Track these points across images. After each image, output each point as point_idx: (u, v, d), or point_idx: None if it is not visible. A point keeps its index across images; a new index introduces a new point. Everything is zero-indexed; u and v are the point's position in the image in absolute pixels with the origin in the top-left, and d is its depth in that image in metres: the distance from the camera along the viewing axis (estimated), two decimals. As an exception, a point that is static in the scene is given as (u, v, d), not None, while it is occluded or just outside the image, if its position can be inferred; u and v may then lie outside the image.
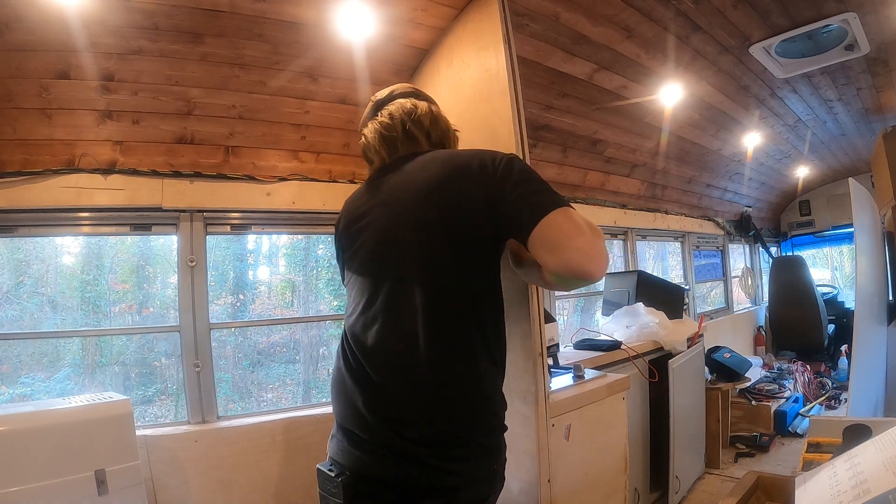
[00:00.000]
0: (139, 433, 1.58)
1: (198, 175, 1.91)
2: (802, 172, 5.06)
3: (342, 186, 2.18)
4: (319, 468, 1.03)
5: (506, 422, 1.05)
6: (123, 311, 2.24)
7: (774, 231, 6.03)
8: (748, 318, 5.26)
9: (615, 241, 3.77)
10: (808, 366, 4.28)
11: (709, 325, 3.78)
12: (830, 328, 4.93)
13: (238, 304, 2.61)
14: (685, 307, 3.14)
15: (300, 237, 2.79)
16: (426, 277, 0.99)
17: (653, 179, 3.72)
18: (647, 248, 4.28)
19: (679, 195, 4.14)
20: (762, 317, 5.37)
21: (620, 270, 3.48)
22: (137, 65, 1.63)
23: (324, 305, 2.88)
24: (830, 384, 4.08)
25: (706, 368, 3.06)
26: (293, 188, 2.09)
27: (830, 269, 6.49)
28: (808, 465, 0.99)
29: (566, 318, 3.49)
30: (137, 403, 2.06)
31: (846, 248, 6.05)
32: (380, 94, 1.24)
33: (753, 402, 3.45)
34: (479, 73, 1.54)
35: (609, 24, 2.06)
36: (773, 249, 5.91)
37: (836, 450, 0.95)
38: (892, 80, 2.93)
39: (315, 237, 2.74)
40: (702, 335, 2.83)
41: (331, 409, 1.10)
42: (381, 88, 1.25)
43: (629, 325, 2.56)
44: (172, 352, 2.09)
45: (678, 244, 4.43)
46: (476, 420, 0.99)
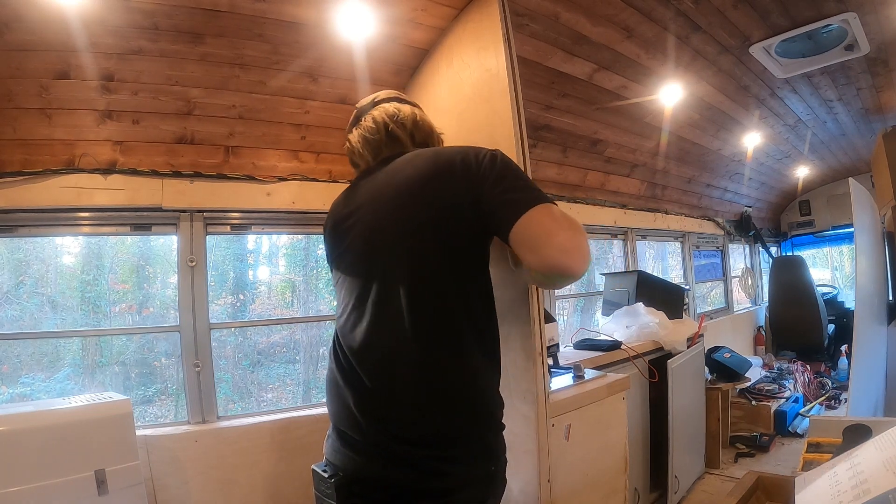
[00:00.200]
0: (139, 433, 1.58)
1: (198, 175, 1.91)
2: (802, 172, 5.06)
3: (342, 186, 2.11)
4: (314, 468, 1.03)
5: (506, 422, 1.04)
6: (123, 311, 2.24)
7: (774, 231, 6.03)
8: (748, 318, 5.25)
9: (615, 241, 3.77)
10: (808, 366, 4.28)
11: (709, 325, 3.78)
12: (830, 328, 4.93)
13: (238, 304, 2.61)
14: (685, 307, 3.14)
15: (300, 237, 2.79)
16: (414, 275, 0.97)
17: (653, 179, 3.72)
18: (647, 248, 4.28)
19: (679, 195, 4.14)
20: (762, 317, 5.37)
21: (620, 270, 3.48)
22: (137, 65, 1.63)
23: (324, 305, 2.88)
24: (830, 384, 4.08)
25: (706, 368, 3.06)
26: (293, 188, 2.09)
27: (830, 269, 6.49)
28: (808, 465, 0.99)
29: (566, 318, 3.49)
30: (137, 403, 2.06)
31: (846, 248, 6.05)
32: (363, 101, 1.25)
33: (753, 402, 3.44)
34: (479, 73, 1.54)
35: (609, 24, 2.06)
36: (773, 249, 5.91)
37: (836, 450, 0.94)
38: (892, 80, 2.93)
39: (315, 237, 2.74)
40: (702, 335, 2.83)
41: (331, 410, 1.09)
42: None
43: (629, 325, 2.56)
44: (172, 352, 2.09)
45: (678, 244, 4.43)
46: (469, 418, 0.96)
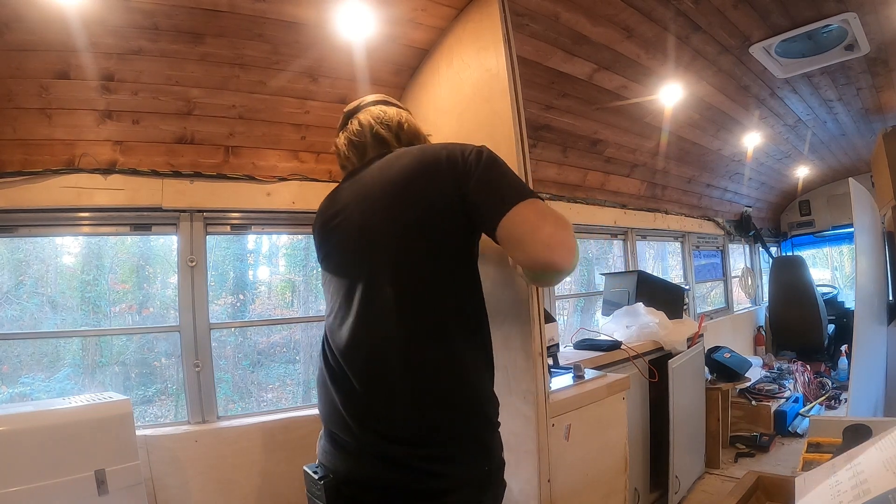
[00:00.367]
0: (139, 433, 1.58)
1: (198, 175, 1.91)
2: (802, 172, 5.06)
3: (342, 186, 2.17)
4: (305, 469, 1.03)
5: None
6: (123, 311, 2.24)
7: (774, 231, 6.03)
8: (748, 318, 5.25)
9: (615, 241, 3.77)
10: (808, 366, 4.28)
11: (709, 325, 3.78)
12: (830, 328, 4.93)
13: (238, 304, 2.61)
14: (685, 307, 3.14)
15: (300, 237, 2.79)
16: (401, 273, 0.97)
17: (653, 179, 3.72)
18: (647, 248, 4.28)
19: (679, 195, 4.14)
20: (762, 317, 5.37)
21: (620, 270, 3.48)
22: (137, 65, 1.63)
23: (324, 306, 2.85)
24: (830, 384, 4.08)
25: (706, 368, 3.06)
26: (293, 188, 2.09)
27: (830, 269, 6.49)
28: (808, 465, 0.99)
29: (566, 318, 3.49)
30: (137, 403, 2.05)
31: (846, 248, 6.04)
32: (350, 105, 1.25)
33: (753, 402, 3.44)
34: (479, 73, 1.54)
35: (609, 24, 2.06)
36: (773, 249, 5.91)
37: (836, 450, 0.94)
38: (892, 80, 2.93)
39: (315, 237, 2.74)
40: (702, 335, 2.83)
41: (330, 410, 1.09)
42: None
43: (629, 325, 2.56)
44: (172, 352, 2.09)
45: (678, 244, 4.43)
46: (460, 415, 0.95)
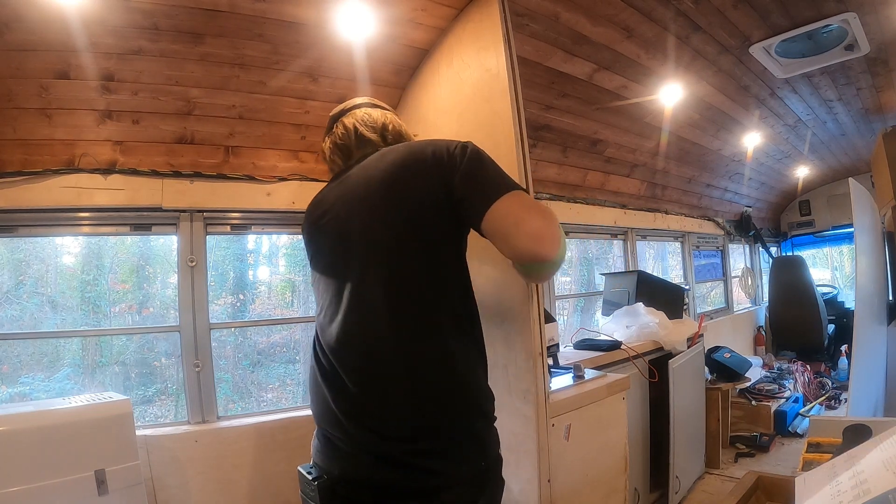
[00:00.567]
0: (139, 433, 1.58)
1: (198, 175, 1.91)
2: (802, 172, 5.06)
3: (342, 186, 2.17)
4: (300, 470, 1.03)
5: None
6: (123, 311, 2.24)
7: (774, 231, 6.03)
8: (748, 318, 5.25)
9: (615, 241, 3.77)
10: (808, 366, 4.28)
11: (709, 325, 3.78)
12: (830, 328, 4.93)
13: (238, 304, 2.60)
14: (685, 307, 3.14)
15: (300, 237, 2.78)
16: (389, 269, 0.97)
17: (653, 179, 3.72)
18: (647, 248, 4.28)
19: (679, 195, 4.14)
20: (762, 317, 5.37)
21: (620, 270, 3.48)
22: (137, 65, 1.62)
23: (323, 305, 2.86)
24: (830, 384, 4.08)
25: (706, 368, 3.06)
26: (293, 188, 2.09)
27: (830, 269, 6.49)
28: (808, 465, 0.99)
29: (566, 318, 3.49)
30: (137, 403, 2.05)
31: (846, 248, 6.04)
32: (335, 109, 1.26)
33: (753, 402, 3.44)
34: (480, 73, 1.54)
35: (609, 24, 2.06)
36: (773, 249, 5.91)
37: (836, 450, 0.94)
38: (892, 80, 2.93)
39: (315, 237, 2.73)
40: (702, 335, 2.83)
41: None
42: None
43: (629, 325, 2.56)
44: (172, 352, 2.09)
45: (678, 244, 4.43)
46: (453, 408, 0.94)
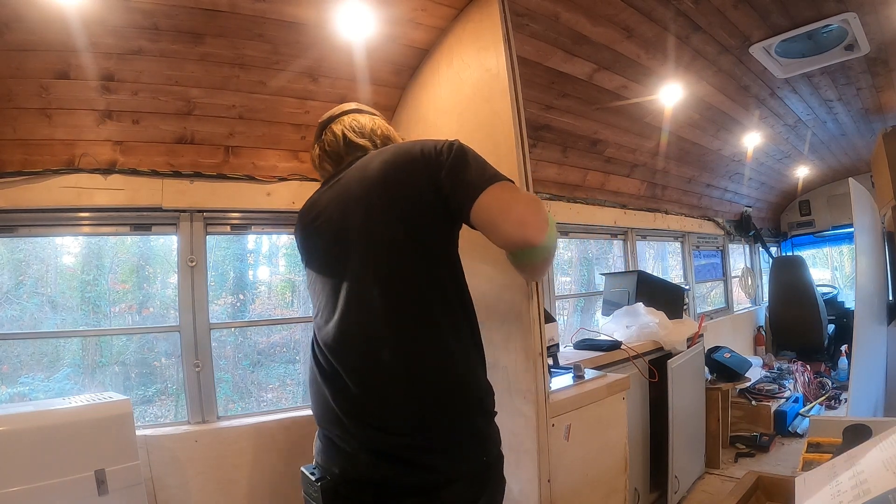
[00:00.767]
0: (139, 433, 1.58)
1: (198, 175, 1.91)
2: (802, 172, 5.06)
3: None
4: (303, 470, 1.03)
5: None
6: (123, 311, 2.23)
7: (774, 231, 6.03)
8: (748, 318, 5.25)
9: (615, 241, 3.77)
10: (808, 366, 4.28)
11: (709, 325, 3.78)
12: (830, 328, 4.93)
13: (238, 304, 2.60)
14: (685, 307, 3.14)
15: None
16: (384, 267, 0.98)
17: (653, 179, 3.72)
18: (647, 248, 4.28)
19: (679, 195, 4.14)
20: (762, 317, 5.37)
21: (620, 270, 3.48)
22: (137, 65, 1.62)
23: (323, 306, 2.85)
24: (830, 384, 4.08)
25: (706, 368, 3.06)
26: (293, 188, 2.09)
27: (830, 269, 6.49)
28: (808, 465, 0.99)
29: (566, 318, 3.49)
30: (137, 403, 2.05)
31: (846, 248, 6.04)
32: (323, 117, 1.27)
33: (753, 402, 3.44)
34: (480, 73, 1.54)
35: (609, 24, 2.06)
36: (773, 249, 5.91)
37: (836, 450, 0.94)
38: (892, 80, 2.93)
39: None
40: (702, 335, 2.83)
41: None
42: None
43: (629, 325, 2.56)
44: (172, 352, 2.09)
45: (678, 244, 4.43)
46: (452, 402, 0.95)
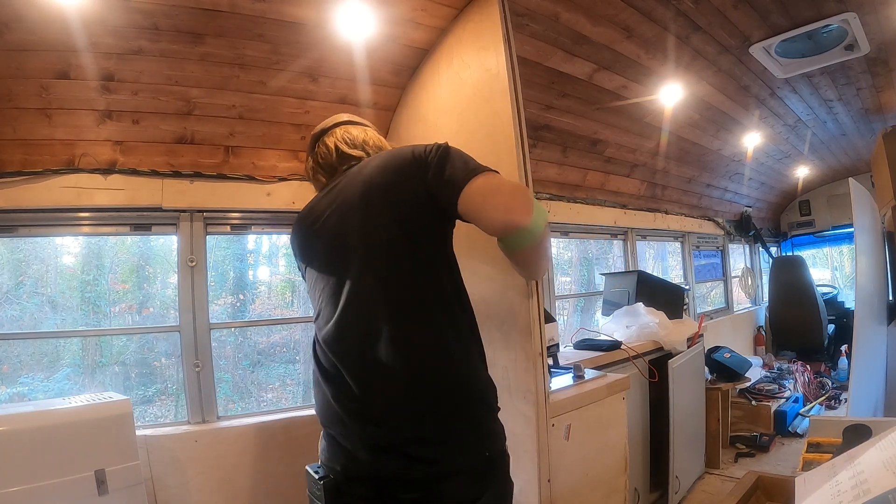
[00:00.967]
0: (139, 433, 1.58)
1: (198, 175, 1.91)
2: (802, 172, 5.06)
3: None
4: (307, 469, 1.05)
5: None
6: (123, 311, 2.23)
7: (774, 231, 6.03)
8: (748, 318, 5.25)
9: (615, 241, 3.77)
10: (808, 366, 4.28)
11: (709, 325, 3.78)
12: (830, 328, 4.93)
13: (238, 304, 2.60)
14: (685, 307, 3.14)
15: (299, 238, 2.78)
16: (383, 268, 1.00)
17: (653, 179, 3.72)
18: (647, 248, 4.28)
19: (679, 195, 4.14)
20: (762, 317, 5.37)
21: (620, 270, 3.48)
22: (137, 65, 1.63)
23: (323, 306, 2.85)
24: (830, 384, 4.08)
25: (706, 368, 3.06)
26: (293, 188, 2.09)
27: (830, 269, 6.49)
28: (808, 465, 0.99)
29: (566, 318, 3.49)
30: (137, 403, 2.05)
31: (846, 248, 6.04)
32: (316, 129, 1.30)
33: (753, 402, 3.44)
34: (480, 73, 1.54)
35: (609, 24, 2.06)
36: (773, 249, 5.91)
37: (836, 450, 0.94)
38: (892, 80, 2.93)
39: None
40: (702, 335, 2.83)
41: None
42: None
43: (629, 325, 2.56)
44: (172, 352, 2.09)
45: (678, 244, 4.43)
46: (450, 393, 0.96)
